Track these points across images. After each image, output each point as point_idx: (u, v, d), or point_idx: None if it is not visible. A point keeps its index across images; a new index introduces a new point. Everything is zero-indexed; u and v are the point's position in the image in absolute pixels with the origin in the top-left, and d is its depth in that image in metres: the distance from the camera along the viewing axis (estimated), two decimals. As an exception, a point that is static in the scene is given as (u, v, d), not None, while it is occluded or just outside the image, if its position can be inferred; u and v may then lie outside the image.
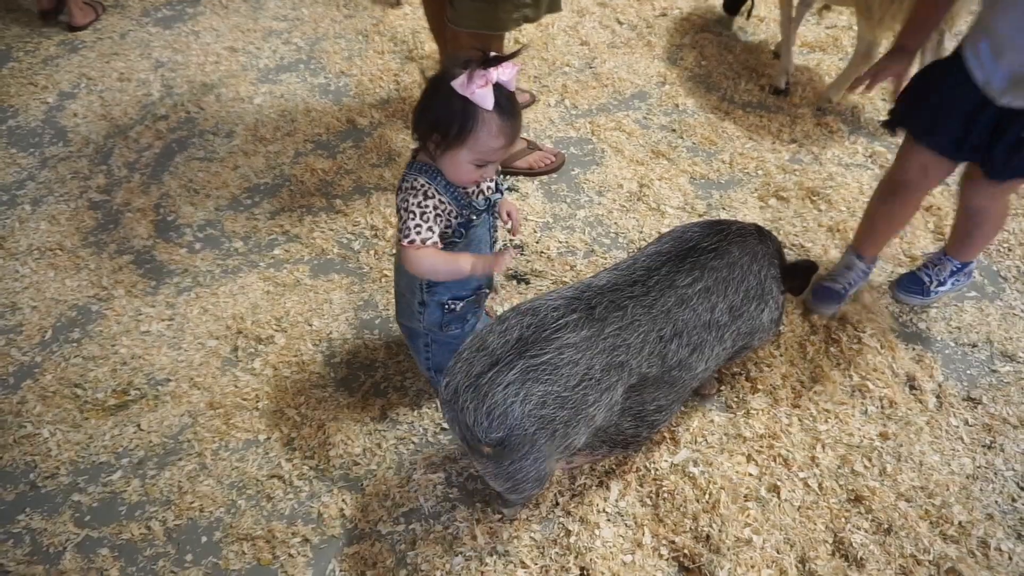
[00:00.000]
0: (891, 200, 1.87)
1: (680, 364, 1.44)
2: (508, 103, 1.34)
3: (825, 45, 3.11)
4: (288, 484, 1.74)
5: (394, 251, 2.28)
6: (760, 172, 2.53)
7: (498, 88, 1.30)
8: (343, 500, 1.70)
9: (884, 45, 2.46)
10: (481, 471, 1.49)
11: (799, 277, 1.68)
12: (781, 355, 1.96)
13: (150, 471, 1.77)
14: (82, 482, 1.76)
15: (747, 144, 2.64)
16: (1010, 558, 1.55)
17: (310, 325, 2.10)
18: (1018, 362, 1.92)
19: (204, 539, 1.65)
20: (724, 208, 2.39)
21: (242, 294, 2.19)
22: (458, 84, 1.29)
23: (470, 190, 1.50)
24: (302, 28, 3.40)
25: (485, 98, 1.29)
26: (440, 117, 1.34)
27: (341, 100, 2.96)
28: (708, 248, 1.50)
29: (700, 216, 2.36)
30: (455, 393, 1.30)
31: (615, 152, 2.63)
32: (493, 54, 1.31)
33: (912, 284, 2.01)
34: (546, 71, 3.05)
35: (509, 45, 3.13)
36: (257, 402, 1.91)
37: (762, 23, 3.26)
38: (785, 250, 1.70)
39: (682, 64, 3.05)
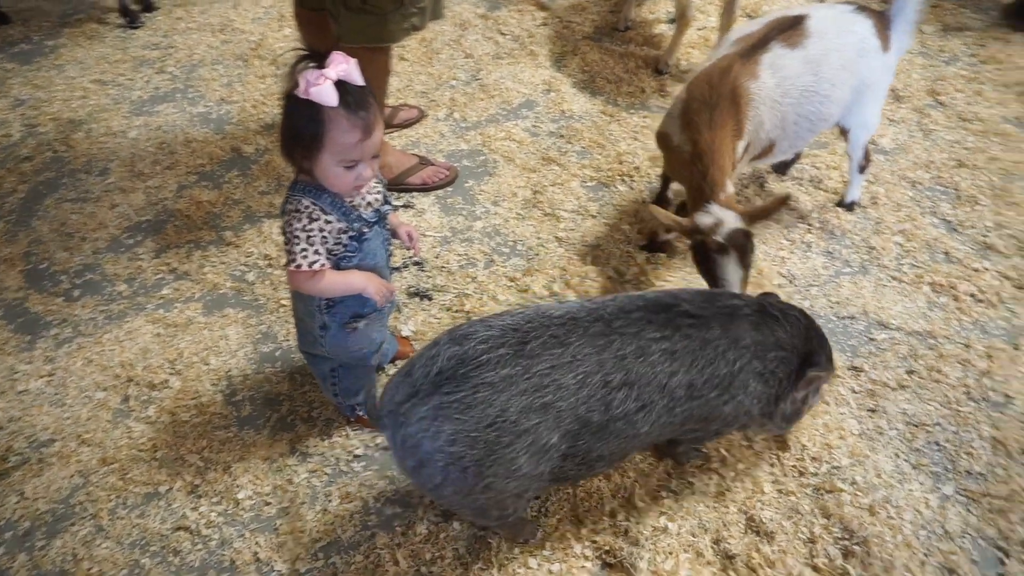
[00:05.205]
0: None
1: (625, 417, 1.34)
2: (354, 96, 1.32)
3: (697, 44, 3.27)
4: (196, 534, 1.66)
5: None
6: (647, 171, 2.62)
7: (341, 84, 1.30)
8: (257, 543, 1.64)
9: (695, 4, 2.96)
10: None
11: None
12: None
13: (39, 542, 1.65)
14: (-39, 563, 1.62)
15: (633, 144, 2.73)
16: (900, 515, 1.67)
17: (207, 364, 2.01)
18: (891, 329, 2.08)
19: (106, 605, 1.55)
20: (614, 206, 2.46)
21: (129, 340, 2.07)
22: (299, 90, 1.28)
23: (356, 202, 1.48)
24: (176, 56, 3.26)
25: (323, 95, 1.27)
26: (295, 129, 1.33)
27: (223, 128, 2.86)
28: (690, 313, 1.39)
29: (593, 217, 2.42)
30: (378, 413, 1.32)
31: (507, 161, 2.66)
32: (322, 52, 1.30)
33: None
34: (433, 85, 3.05)
35: (394, 61, 3.13)
36: (155, 452, 1.81)
37: (640, 29, 3.39)
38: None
39: (566, 71, 3.13)
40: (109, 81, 3.11)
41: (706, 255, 1.84)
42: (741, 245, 1.82)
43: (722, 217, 1.81)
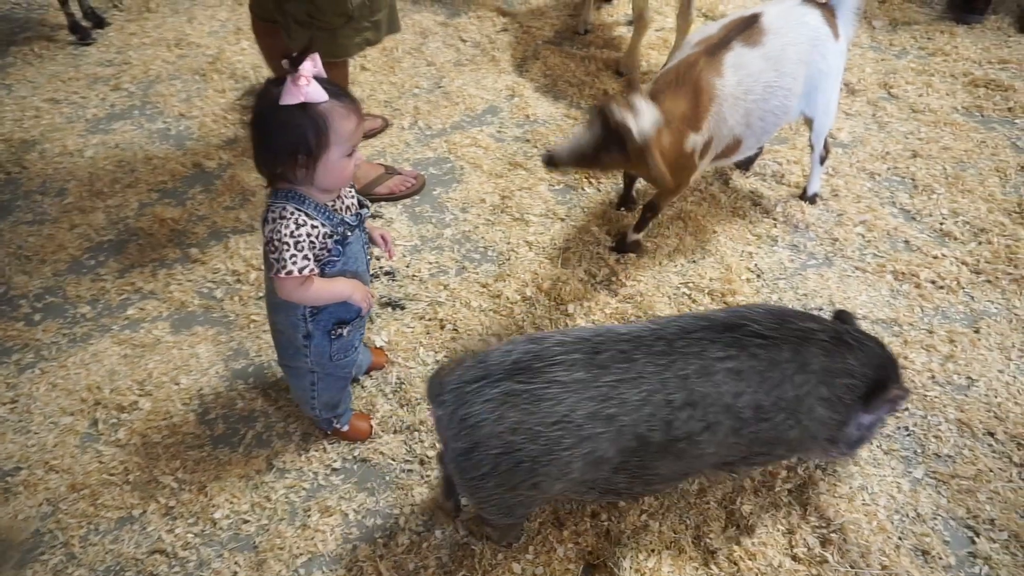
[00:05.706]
0: None
1: (688, 438, 1.33)
2: (333, 86, 1.36)
3: (656, 46, 3.31)
4: (172, 557, 1.62)
5: (262, 294, 2.19)
6: (613, 173, 2.64)
7: (317, 79, 1.32)
8: (236, 562, 1.61)
9: (652, 7, 2.98)
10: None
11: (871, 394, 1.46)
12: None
13: (7, 573, 1.60)
14: (-74, 601, 1.56)
15: (598, 147, 2.75)
16: (874, 501, 1.71)
17: (177, 384, 1.97)
18: (857, 318, 2.11)
19: (82, 636, 1.51)
20: (582, 208, 2.48)
21: (95, 362, 2.02)
22: (288, 98, 1.28)
23: (337, 206, 1.48)
24: (131, 72, 3.20)
25: (315, 93, 1.30)
26: (294, 139, 1.33)
27: (184, 144, 2.82)
28: (759, 333, 1.37)
29: (561, 220, 2.44)
30: (441, 388, 1.30)
31: (474, 168, 2.66)
32: (294, 54, 1.30)
33: None
34: (396, 95, 3.04)
35: (355, 72, 3.11)
36: (127, 475, 1.77)
37: (600, 32, 3.43)
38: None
39: (528, 76, 3.14)
40: (62, 99, 3.05)
41: (602, 119, 1.87)
42: (617, 138, 1.84)
43: (643, 113, 1.83)
